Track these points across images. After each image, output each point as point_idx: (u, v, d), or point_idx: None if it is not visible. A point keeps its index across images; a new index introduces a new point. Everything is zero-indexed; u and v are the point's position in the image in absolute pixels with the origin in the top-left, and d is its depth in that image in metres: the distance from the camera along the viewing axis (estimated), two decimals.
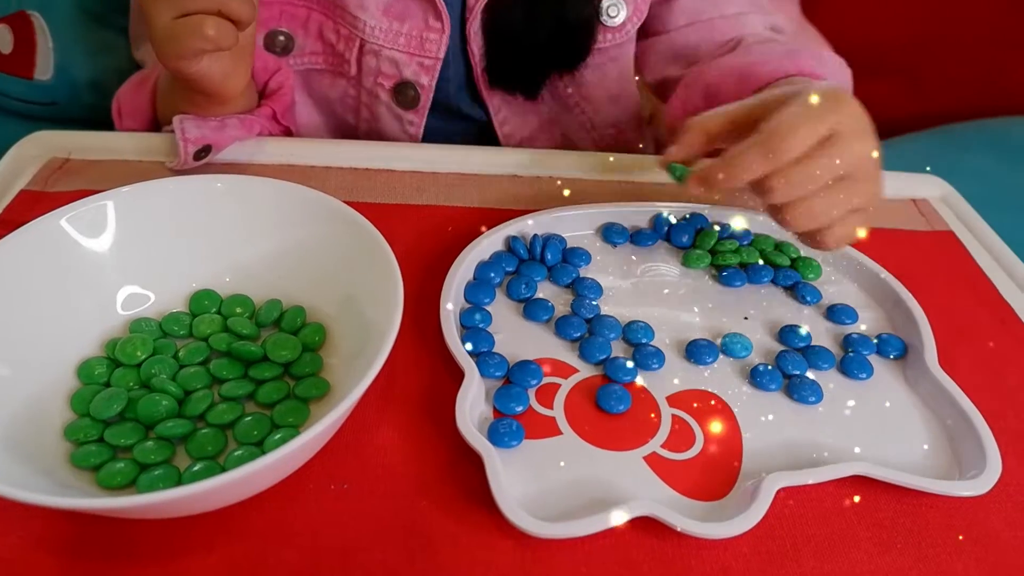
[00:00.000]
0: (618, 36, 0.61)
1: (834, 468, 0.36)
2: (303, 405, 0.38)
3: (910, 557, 0.34)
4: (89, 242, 0.40)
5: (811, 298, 0.46)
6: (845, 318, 0.45)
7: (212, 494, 0.31)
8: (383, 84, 0.60)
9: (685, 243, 0.50)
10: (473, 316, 0.43)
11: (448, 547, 0.33)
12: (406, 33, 0.57)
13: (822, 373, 0.42)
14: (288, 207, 0.42)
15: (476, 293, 0.44)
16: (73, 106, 0.76)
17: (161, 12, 0.44)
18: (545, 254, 0.47)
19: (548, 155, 0.58)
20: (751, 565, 0.33)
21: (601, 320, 0.43)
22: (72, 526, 0.33)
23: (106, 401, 0.36)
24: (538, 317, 0.44)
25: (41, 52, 0.73)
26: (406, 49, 0.58)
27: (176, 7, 0.44)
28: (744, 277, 0.47)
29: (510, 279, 0.46)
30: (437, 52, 0.58)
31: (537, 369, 0.40)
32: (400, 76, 0.59)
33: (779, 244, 0.50)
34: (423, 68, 0.59)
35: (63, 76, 0.75)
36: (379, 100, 0.61)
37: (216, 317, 0.42)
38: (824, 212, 0.41)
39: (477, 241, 0.46)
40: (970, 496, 0.36)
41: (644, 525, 0.34)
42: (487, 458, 0.34)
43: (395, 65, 0.59)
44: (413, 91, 0.59)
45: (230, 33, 0.45)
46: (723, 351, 0.43)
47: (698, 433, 0.38)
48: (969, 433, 0.38)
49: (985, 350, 0.45)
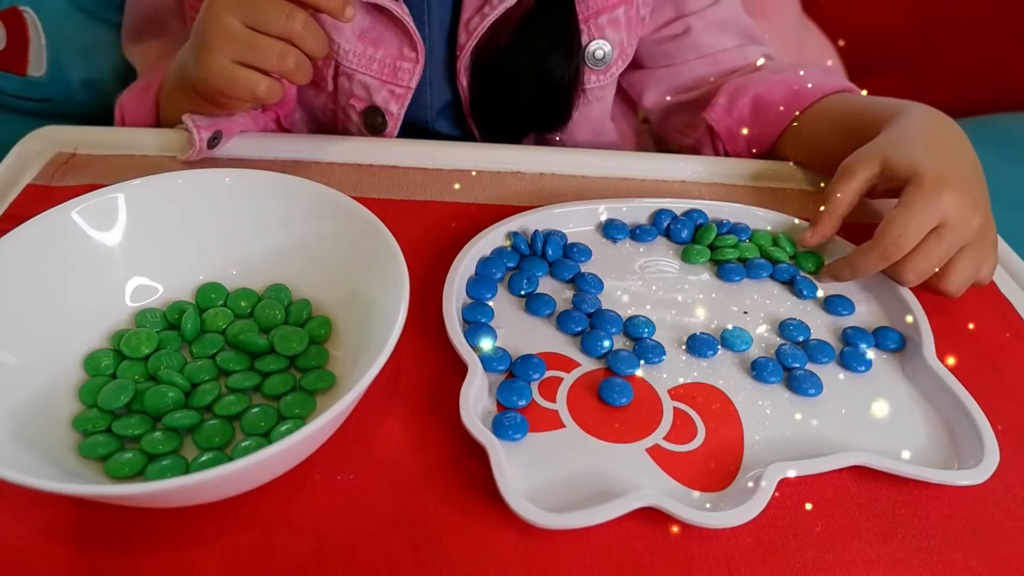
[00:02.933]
0: (603, 78, 0.61)
1: (834, 459, 0.36)
2: (309, 397, 0.38)
3: (911, 547, 0.35)
4: (99, 234, 0.41)
5: (808, 292, 0.47)
6: (842, 309, 0.46)
7: (220, 482, 0.31)
8: (355, 106, 0.60)
9: (685, 239, 0.50)
10: (476, 311, 0.43)
11: (452, 538, 0.33)
12: (379, 59, 0.57)
13: (821, 366, 0.42)
14: (295, 201, 0.43)
15: (478, 288, 0.45)
16: (68, 103, 0.75)
17: (224, 51, 0.46)
18: (546, 249, 0.47)
19: (551, 152, 0.58)
20: (753, 555, 0.34)
21: (602, 314, 0.44)
22: (80, 515, 0.33)
23: (113, 392, 0.36)
24: (540, 312, 0.44)
25: (34, 48, 0.73)
26: (378, 75, 0.58)
27: (239, 54, 0.46)
28: (743, 272, 0.48)
29: (512, 274, 0.46)
30: (409, 82, 0.58)
31: (540, 363, 0.40)
32: (370, 101, 0.59)
33: (776, 239, 0.50)
34: (393, 96, 0.58)
35: (56, 72, 0.74)
36: (351, 120, 0.61)
37: (223, 310, 0.42)
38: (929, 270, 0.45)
39: (479, 237, 0.47)
40: (968, 485, 0.36)
41: (647, 516, 0.34)
42: (491, 450, 0.34)
43: (366, 89, 0.59)
44: (381, 117, 0.59)
45: (276, 95, 0.47)
46: (723, 345, 0.43)
47: (700, 425, 0.39)
48: (967, 424, 0.38)
49: (985, 345, 0.45)
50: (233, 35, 0.45)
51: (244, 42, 0.45)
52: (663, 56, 0.65)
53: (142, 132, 0.57)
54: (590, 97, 0.62)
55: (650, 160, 0.59)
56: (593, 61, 0.60)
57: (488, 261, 0.46)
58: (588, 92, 0.61)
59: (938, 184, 0.43)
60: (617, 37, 0.60)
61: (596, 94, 0.62)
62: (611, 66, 0.61)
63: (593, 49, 0.59)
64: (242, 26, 0.45)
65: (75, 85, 0.75)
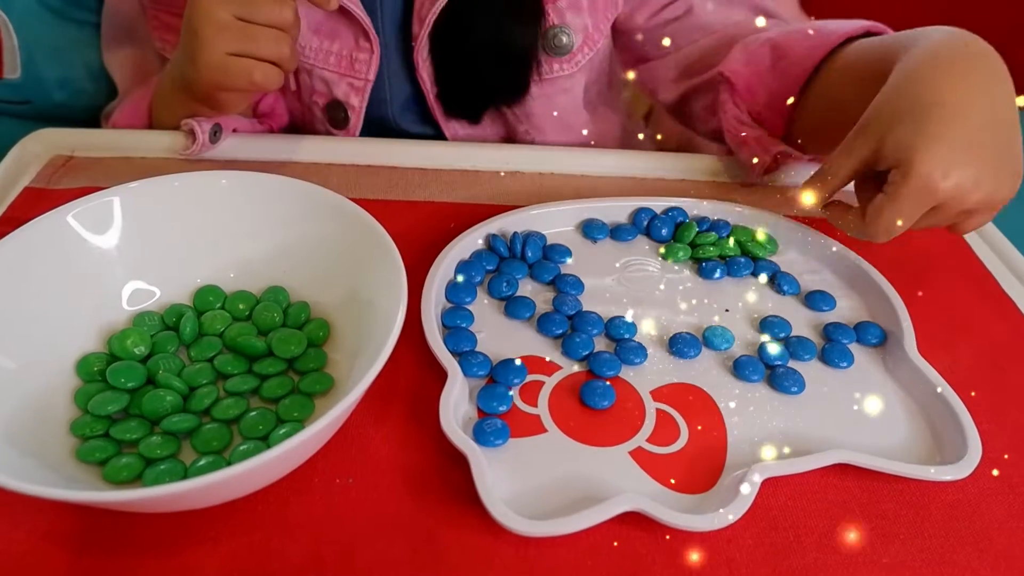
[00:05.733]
0: (567, 67, 0.60)
1: (817, 457, 0.36)
2: (308, 400, 0.38)
3: (913, 547, 0.34)
4: (95, 238, 0.40)
5: (789, 288, 0.47)
6: (823, 305, 0.46)
7: (219, 487, 0.31)
8: (317, 102, 0.60)
9: (665, 237, 0.50)
10: (455, 316, 0.43)
11: (451, 542, 0.33)
12: (336, 52, 0.57)
13: (804, 363, 0.42)
14: (292, 203, 0.43)
15: (457, 293, 0.44)
16: (47, 103, 0.75)
17: (218, 45, 0.46)
18: (526, 251, 0.47)
19: (552, 152, 0.58)
20: (755, 557, 0.34)
21: (583, 316, 0.43)
22: (79, 520, 0.33)
23: (103, 400, 0.36)
24: (520, 315, 0.44)
25: (7, 51, 0.72)
26: (336, 69, 0.58)
27: (234, 45, 0.46)
28: (724, 269, 0.48)
29: (491, 277, 0.46)
30: (367, 74, 0.58)
31: (521, 367, 0.40)
32: (331, 96, 0.59)
33: (754, 235, 0.49)
34: (353, 89, 0.58)
35: (31, 74, 0.73)
36: (316, 118, 0.61)
37: (221, 313, 0.42)
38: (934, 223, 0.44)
39: (456, 240, 0.46)
40: (951, 480, 0.36)
41: (646, 518, 0.33)
42: (472, 458, 0.34)
43: (326, 84, 0.59)
44: (343, 112, 0.59)
45: (275, 79, 0.48)
46: (705, 344, 0.43)
47: (683, 426, 0.38)
48: (949, 419, 0.38)
49: (985, 343, 0.45)
50: (227, 27, 0.46)
51: (239, 32, 0.46)
52: (668, 42, 0.62)
53: (140, 134, 0.56)
54: (556, 88, 0.60)
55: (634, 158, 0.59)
56: (554, 49, 0.58)
57: (467, 264, 0.46)
58: (553, 82, 0.60)
59: (929, 174, 0.40)
60: (580, 22, 0.58)
61: (562, 84, 0.60)
62: (575, 53, 0.59)
63: (552, 36, 0.58)
64: (233, 18, 0.46)
65: (51, 85, 0.74)
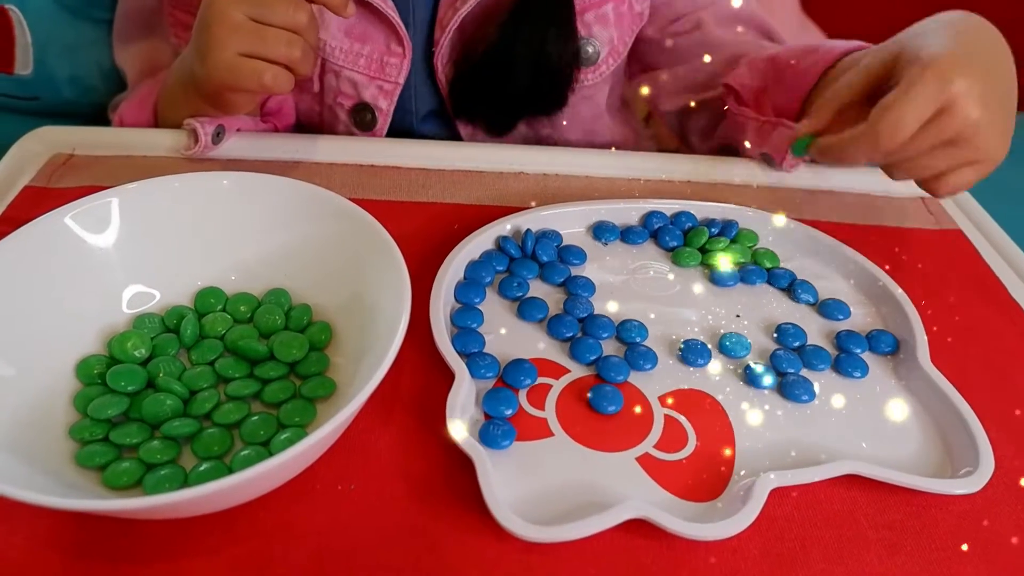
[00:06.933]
0: (592, 77, 0.60)
1: (826, 467, 0.36)
2: (309, 405, 0.37)
3: (920, 559, 0.34)
4: (94, 239, 0.40)
5: (806, 296, 0.46)
6: (838, 313, 0.45)
7: (219, 495, 0.30)
8: (342, 104, 0.60)
9: (676, 241, 0.50)
10: (465, 316, 0.42)
11: (454, 548, 0.33)
12: (367, 55, 0.57)
13: (817, 372, 0.42)
14: (294, 204, 0.42)
15: (467, 293, 0.44)
16: (56, 100, 0.75)
17: (230, 45, 0.46)
18: (538, 252, 0.47)
19: (556, 153, 0.58)
20: (761, 568, 0.33)
21: (594, 320, 0.43)
22: (78, 526, 0.33)
23: (102, 404, 0.36)
24: (532, 317, 0.43)
25: (20, 47, 0.72)
26: (366, 71, 0.58)
27: (246, 46, 0.46)
28: (736, 276, 0.47)
29: (501, 278, 0.45)
30: (397, 77, 0.58)
31: (531, 369, 0.40)
32: (359, 98, 0.59)
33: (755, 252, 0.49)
34: (382, 92, 0.58)
35: (43, 71, 0.74)
36: (338, 119, 0.61)
37: (222, 315, 0.41)
38: (930, 167, 0.43)
39: (466, 240, 0.46)
40: (963, 494, 0.36)
41: (651, 526, 0.33)
42: (478, 462, 0.34)
43: (354, 86, 0.59)
44: (370, 114, 0.59)
45: (285, 83, 0.47)
46: (721, 351, 0.42)
47: (691, 433, 0.38)
48: (962, 431, 0.38)
49: (993, 349, 0.44)
50: (240, 27, 0.46)
51: (251, 33, 0.46)
52: (675, 55, 0.63)
53: (141, 132, 0.56)
54: (579, 96, 0.61)
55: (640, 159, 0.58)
56: (581, 60, 0.59)
57: (477, 264, 0.46)
58: (578, 91, 0.60)
59: (949, 68, 0.39)
60: (606, 35, 0.59)
61: (586, 92, 0.61)
62: (600, 64, 0.60)
63: (583, 45, 0.58)
64: (247, 19, 0.46)
65: (61, 83, 0.75)
